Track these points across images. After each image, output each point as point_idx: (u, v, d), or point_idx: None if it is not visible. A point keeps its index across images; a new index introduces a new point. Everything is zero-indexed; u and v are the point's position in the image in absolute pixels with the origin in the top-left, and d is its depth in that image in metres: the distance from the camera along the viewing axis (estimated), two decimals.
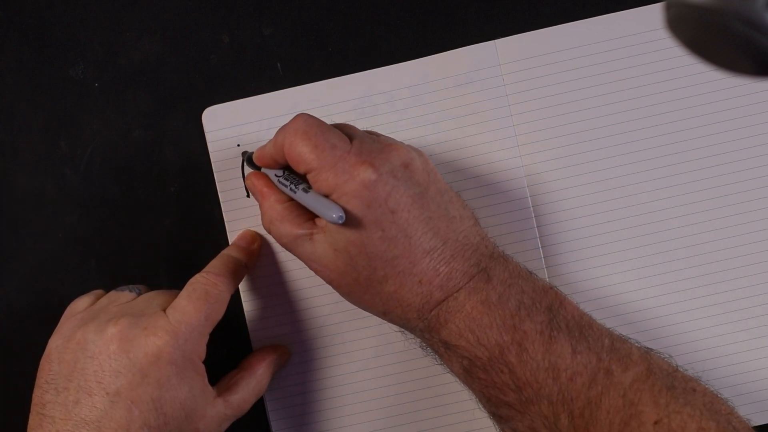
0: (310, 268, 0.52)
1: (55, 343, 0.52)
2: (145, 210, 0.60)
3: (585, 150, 0.58)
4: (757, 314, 0.58)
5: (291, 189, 0.51)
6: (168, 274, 0.59)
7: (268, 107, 0.59)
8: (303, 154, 0.50)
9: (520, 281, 0.50)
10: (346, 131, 0.51)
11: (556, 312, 0.49)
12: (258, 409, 0.58)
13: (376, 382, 0.58)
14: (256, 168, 0.55)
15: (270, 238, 0.58)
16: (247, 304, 0.59)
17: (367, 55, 0.59)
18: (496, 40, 0.58)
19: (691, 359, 0.58)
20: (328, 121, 0.58)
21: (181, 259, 0.59)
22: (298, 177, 0.52)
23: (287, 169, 0.53)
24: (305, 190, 0.50)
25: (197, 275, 0.54)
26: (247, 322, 0.59)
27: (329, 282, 0.52)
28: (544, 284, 0.51)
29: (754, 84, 0.58)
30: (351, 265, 0.49)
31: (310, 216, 0.52)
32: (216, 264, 0.55)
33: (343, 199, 0.48)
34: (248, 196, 0.59)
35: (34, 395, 0.51)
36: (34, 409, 0.51)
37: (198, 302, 0.52)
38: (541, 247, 0.58)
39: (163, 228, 0.59)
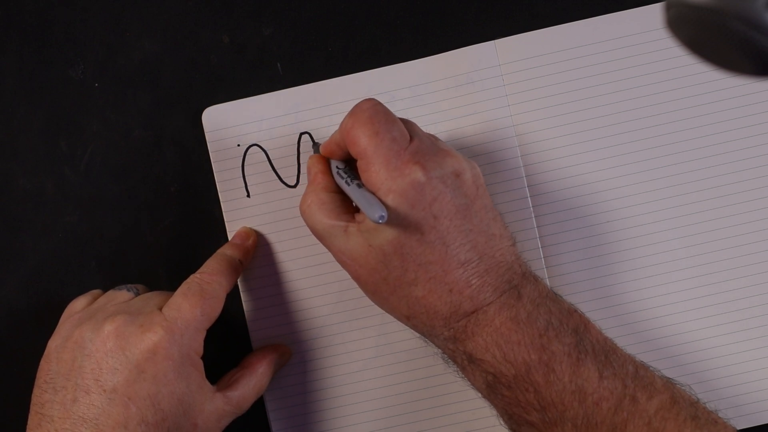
0: (339, 261, 0.51)
1: (54, 343, 0.52)
2: (145, 210, 0.60)
3: (585, 150, 0.58)
4: (757, 314, 0.58)
5: (346, 181, 0.51)
6: (168, 274, 0.59)
7: (268, 107, 0.59)
8: (361, 137, 0.49)
9: (548, 302, 0.50)
10: (408, 128, 0.51)
11: (582, 335, 0.49)
12: (258, 409, 0.58)
13: (376, 382, 0.58)
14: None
15: (268, 236, 0.58)
16: (247, 304, 0.59)
17: (367, 55, 0.59)
18: (496, 40, 0.58)
19: (691, 359, 0.58)
20: (329, 121, 0.59)
21: (181, 259, 0.59)
22: (356, 174, 0.51)
23: (350, 164, 0.53)
24: (359, 186, 0.50)
25: (192, 275, 0.54)
26: (247, 322, 0.59)
27: (356, 278, 0.51)
28: (569, 307, 0.51)
29: (754, 84, 0.58)
30: (383, 263, 0.49)
31: (349, 211, 0.51)
32: (210, 263, 0.55)
33: (390, 195, 0.48)
34: (248, 195, 0.59)
35: (33, 395, 0.51)
36: (33, 408, 0.51)
37: (193, 298, 0.52)
38: (541, 247, 0.58)
39: (163, 228, 0.60)
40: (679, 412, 0.47)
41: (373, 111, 0.50)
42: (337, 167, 0.52)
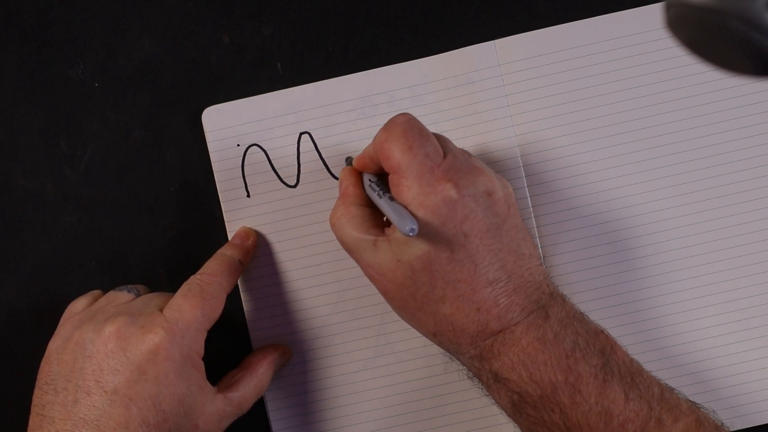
0: (367, 275, 0.51)
1: (54, 344, 0.52)
2: (145, 210, 0.60)
3: (585, 150, 0.58)
4: (757, 314, 0.58)
5: (378, 194, 0.50)
6: (168, 274, 0.59)
7: (268, 107, 0.59)
8: (395, 151, 0.49)
9: (575, 322, 0.50)
10: (441, 144, 0.51)
11: (608, 356, 0.49)
12: (258, 409, 0.58)
13: (376, 382, 0.58)
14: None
15: (268, 236, 0.58)
16: (247, 304, 0.59)
17: (367, 55, 0.59)
18: (495, 40, 0.58)
19: (690, 359, 0.58)
20: (329, 121, 0.59)
21: (181, 259, 0.59)
22: (388, 188, 0.51)
23: (382, 177, 0.52)
24: (391, 199, 0.49)
25: (193, 276, 0.54)
26: (247, 322, 0.59)
27: (384, 292, 0.51)
28: (596, 327, 0.51)
29: (754, 84, 0.58)
30: (411, 279, 0.49)
31: (379, 225, 0.51)
32: (210, 264, 0.55)
33: (421, 211, 0.48)
34: (248, 195, 0.59)
35: (33, 396, 0.51)
36: (34, 410, 0.51)
37: (194, 299, 0.52)
38: (541, 247, 0.58)
39: (163, 228, 0.60)
40: None
41: (407, 125, 0.50)
42: (369, 180, 0.52)
